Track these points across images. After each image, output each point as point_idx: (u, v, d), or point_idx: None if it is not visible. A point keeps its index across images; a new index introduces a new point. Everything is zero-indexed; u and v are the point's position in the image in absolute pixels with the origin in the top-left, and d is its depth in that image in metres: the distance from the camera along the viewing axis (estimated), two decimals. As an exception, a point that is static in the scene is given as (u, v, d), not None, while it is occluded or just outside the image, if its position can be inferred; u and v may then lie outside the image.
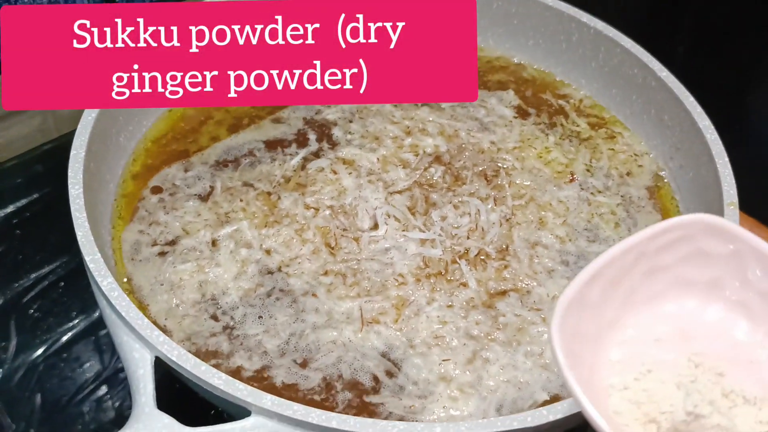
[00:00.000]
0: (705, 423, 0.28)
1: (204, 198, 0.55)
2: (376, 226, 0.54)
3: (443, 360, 0.48)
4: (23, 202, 0.65)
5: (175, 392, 0.47)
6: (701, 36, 1.03)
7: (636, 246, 0.33)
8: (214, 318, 0.49)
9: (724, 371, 0.30)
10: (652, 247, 0.33)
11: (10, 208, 0.64)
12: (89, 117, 0.51)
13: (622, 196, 0.58)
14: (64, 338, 0.58)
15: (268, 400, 0.41)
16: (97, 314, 0.59)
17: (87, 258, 0.45)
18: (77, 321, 0.59)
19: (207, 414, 0.49)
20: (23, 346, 0.57)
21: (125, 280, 0.51)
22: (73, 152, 0.49)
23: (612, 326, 0.32)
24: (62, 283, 0.60)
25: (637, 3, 0.99)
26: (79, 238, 0.46)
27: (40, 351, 0.57)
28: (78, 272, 0.60)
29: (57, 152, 0.69)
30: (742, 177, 0.84)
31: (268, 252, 0.52)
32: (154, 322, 0.47)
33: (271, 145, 0.59)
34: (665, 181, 0.60)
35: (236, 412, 0.42)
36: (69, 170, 0.48)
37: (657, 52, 0.61)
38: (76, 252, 0.45)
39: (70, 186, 0.48)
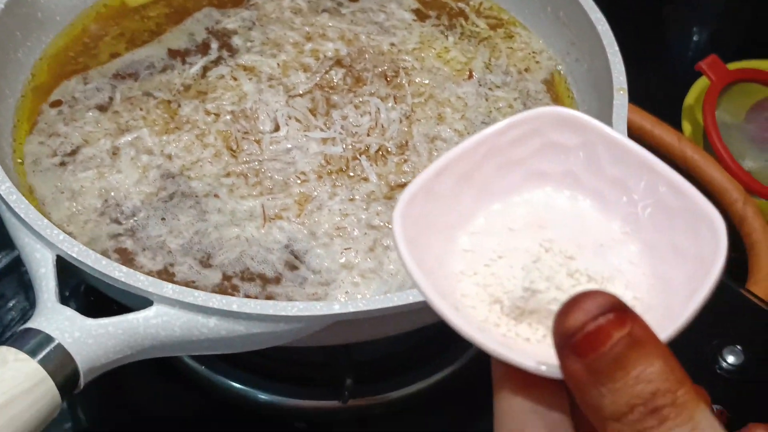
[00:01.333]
0: (541, 298, 0.30)
1: (104, 108, 0.57)
2: (277, 128, 0.56)
3: (345, 249, 0.50)
4: None
5: (80, 293, 0.49)
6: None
7: (487, 140, 0.33)
8: (117, 222, 0.51)
9: (574, 255, 0.31)
10: (504, 141, 0.34)
11: None
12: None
13: (519, 91, 0.61)
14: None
15: (170, 289, 0.43)
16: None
17: (-16, 164, 0.46)
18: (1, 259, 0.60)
19: (110, 309, 0.51)
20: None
21: (29, 193, 0.52)
22: (-33, 64, 0.50)
23: (465, 218, 0.33)
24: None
25: None
26: (-26, 145, 0.47)
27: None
28: None
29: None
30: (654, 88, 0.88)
31: (169, 157, 0.54)
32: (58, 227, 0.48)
33: (173, 54, 0.61)
34: (562, 74, 0.63)
35: (140, 304, 0.44)
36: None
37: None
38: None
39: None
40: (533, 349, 0.29)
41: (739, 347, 0.64)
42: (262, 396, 0.58)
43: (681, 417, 0.24)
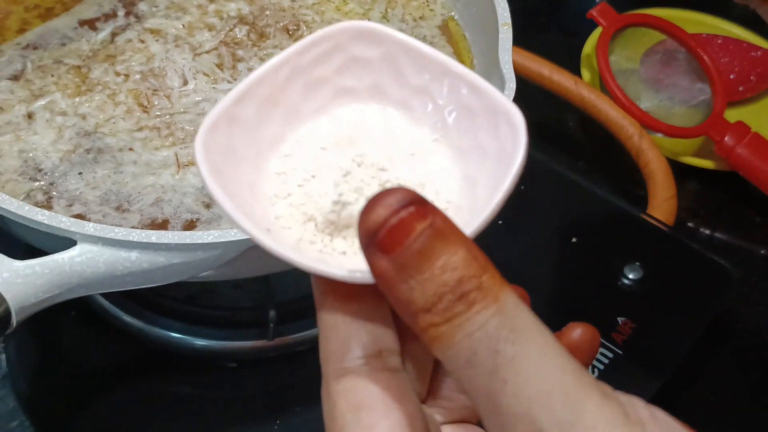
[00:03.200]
0: (352, 209, 0.30)
1: (16, 78, 0.60)
2: (186, 83, 0.60)
3: (256, 187, 0.54)
4: None
5: (4, 244, 0.51)
6: None
7: (286, 62, 0.33)
8: (35, 179, 0.54)
9: (386, 166, 0.31)
10: (305, 61, 0.33)
11: None
12: None
13: (416, 36, 0.66)
14: None
15: (91, 227, 0.46)
16: None
17: None
18: None
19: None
20: None
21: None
22: None
23: (274, 142, 0.33)
24: None
25: None
26: None
27: None
28: None
29: None
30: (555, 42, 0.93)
31: (83, 117, 0.57)
32: (-22, 187, 0.51)
33: (82, 24, 0.64)
34: (455, 19, 0.68)
35: (63, 247, 0.47)
36: None
37: None
38: None
39: None
40: (350, 260, 0.30)
41: (638, 264, 0.69)
42: (197, 341, 0.62)
43: (487, 299, 0.25)
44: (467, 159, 0.32)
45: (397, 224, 0.25)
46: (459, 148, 0.32)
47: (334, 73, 0.34)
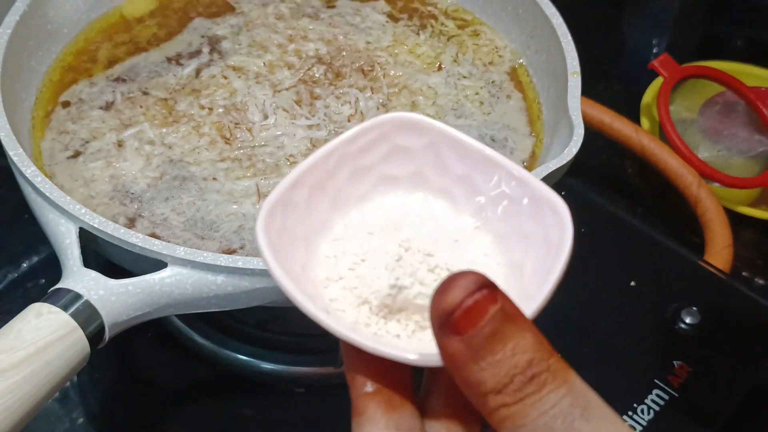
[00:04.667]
0: (408, 293, 0.31)
1: (107, 108, 0.64)
2: (266, 118, 0.63)
3: (332, 219, 0.57)
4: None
5: (98, 265, 0.55)
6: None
7: (335, 150, 0.35)
8: (125, 203, 0.58)
9: (432, 252, 0.32)
10: (352, 150, 0.35)
11: None
12: (1, 39, 0.59)
13: (485, 81, 0.69)
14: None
15: (181, 251, 0.49)
16: (24, 266, 0.67)
17: (11, 153, 0.53)
18: (6, 274, 0.67)
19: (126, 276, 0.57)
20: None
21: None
22: (-11, 68, 0.57)
23: (323, 227, 0.34)
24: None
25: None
26: (2, 138, 0.53)
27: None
28: (3, 225, 0.70)
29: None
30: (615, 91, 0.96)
31: (169, 146, 0.61)
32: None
33: (168, 59, 0.68)
34: (523, 65, 0.71)
35: (152, 269, 0.51)
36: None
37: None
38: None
39: (-9, 97, 0.55)
40: (404, 345, 0.30)
41: (695, 309, 0.71)
42: (265, 365, 0.65)
43: (557, 380, 0.26)
44: (510, 246, 0.33)
45: (472, 306, 0.26)
46: (501, 235, 0.34)
47: (379, 161, 0.36)
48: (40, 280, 0.70)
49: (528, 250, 0.32)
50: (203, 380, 0.65)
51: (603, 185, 0.90)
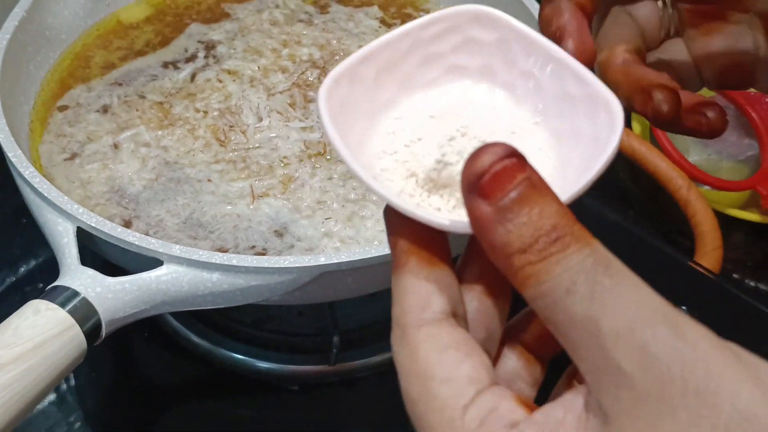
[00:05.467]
0: (452, 170, 0.32)
1: (104, 111, 0.65)
2: (260, 121, 0.64)
3: (326, 219, 0.58)
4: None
5: (95, 264, 0.56)
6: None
7: (410, 33, 0.36)
8: (122, 205, 0.59)
9: (487, 140, 0.33)
10: (426, 36, 0.36)
11: None
12: (0, 45, 0.60)
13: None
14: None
15: (177, 249, 0.50)
16: (22, 270, 0.69)
17: (9, 155, 0.54)
18: (4, 278, 0.69)
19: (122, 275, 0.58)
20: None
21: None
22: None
23: (387, 105, 0.36)
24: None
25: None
26: (1, 140, 0.54)
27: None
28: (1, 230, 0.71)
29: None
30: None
31: (165, 149, 0.62)
32: (70, 210, 0.56)
33: (165, 64, 0.69)
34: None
35: (148, 267, 0.52)
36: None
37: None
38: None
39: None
40: (444, 216, 0.32)
41: (684, 309, 0.72)
42: (260, 364, 0.66)
43: (581, 243, 0.27)
44: (562, 143, 0.34)
45: (501, 171, 0.28)
46: (556, 132, 0.35)
47: (450, 51, 0.37)
48: (38, 284, 0.71)
49: (577, 147, 0.33)
50: (199, 379, 0.66)
51: (594, 188, 0.91)
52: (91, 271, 0.50)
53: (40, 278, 0.72)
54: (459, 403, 0.28)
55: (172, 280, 0.51)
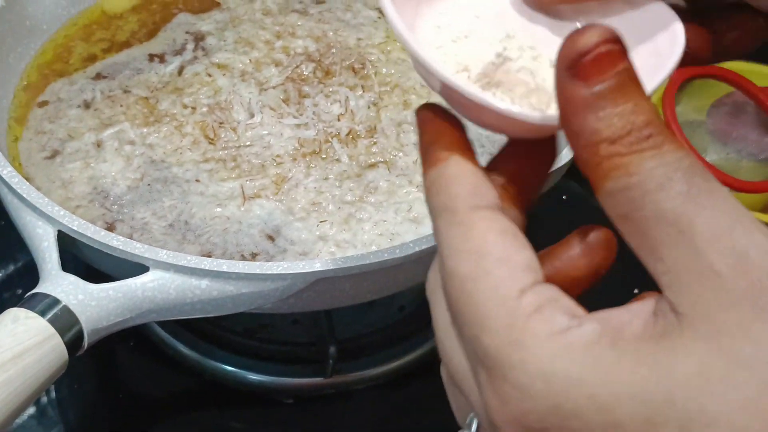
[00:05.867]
0: (512, 66, 0.32)
1: (87, 106, 0.65)
2: (252, 117, 0.64)
3: (320, 222, 0.58)
4: None
5: (77, 269, 0.56)
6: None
7: None
8: (105, 207, 0.59)
9: (536, 46, 0.34)
10: None
11: None
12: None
13: (480, 79, 0.70)
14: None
15: (164, 254, 0.50)
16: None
17: (-14, 155, 0.54)
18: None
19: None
20: None
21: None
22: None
23: (434, 1, 0.36)
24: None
25: None
26: (-24, 138, 0.55)
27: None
28: None
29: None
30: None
31: (150, 146, 0.62)
32: (50, 211, 0.56)
33: (151, 57, 0.69)
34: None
35: (133, 273, 0.52)
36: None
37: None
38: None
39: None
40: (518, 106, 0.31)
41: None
42: (252, 376, 0.66)
43: (675, 144, 0.27)
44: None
45: (604, 54, 0.27)
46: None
47: None
48: (17, 290, 0.71)
49: (637, 59, 0.33)
50: (188, 392, 0.66)
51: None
52: (72, 278, 0.50)
53: (19, 283, 0.72)
54: (516, 286, 0.28)
55: (158, 287, 0.51)
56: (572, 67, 0.28)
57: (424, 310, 0.67)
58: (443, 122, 0.32)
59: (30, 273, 0.65)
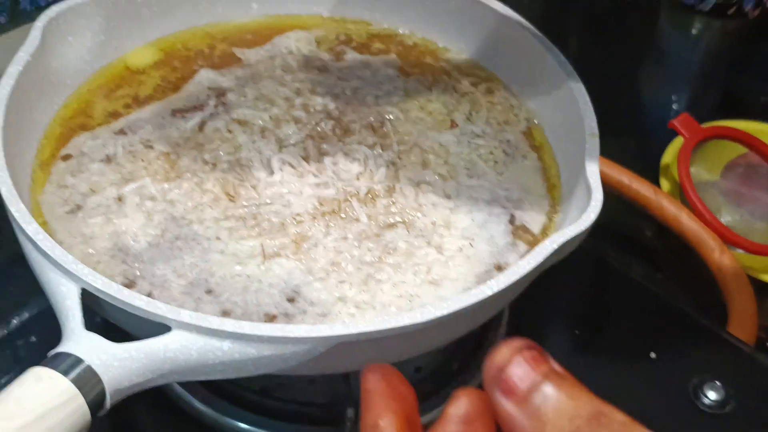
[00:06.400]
0: None
1: (108, 161, 0.66)
2: (272, 174, 0.66)
3: (340, 282, 0.60)
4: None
5: (98, 328, 0.57)
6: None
7: None
8: (126, 262, 0.60)
9: None
10: None
11: None
12: (3, 92, 0.61)
13: (499, 140, 0.72)
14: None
15: (186, 315, 0.51)
16: (14, 323, 0.71)
17: (12, 209, 0.55)
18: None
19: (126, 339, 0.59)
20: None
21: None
22: (-10, 120, 0.59)
23: None
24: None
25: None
26: (3, 193, 0.56)
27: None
28: None
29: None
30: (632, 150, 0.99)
31: (171, 202, 0.63)
32: (72, 267, 0.57)
33: (173, 112, 0.71)
34: (538, 125, 0.74)
35: (155, 333, 0.53)
36: (-11, 136, 0.58)
37: (548, 35, 0.75)
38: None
39: (-8, 150, 0.58)
40: None
41: (718, 383, 0.73)
42: (268, 436, 0.67)
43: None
44: None
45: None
46: None
47: None
48: (31, 338, 0.72)
49: None
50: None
51: (619, 247, 0.93)
52: (95, 337, 0.51)
53: (34, 332, 0.73)
54: None
55: (180, 348, 0.52)
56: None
57: (440, 372, 0.69)
58: (391, 398, 0.34)
59: (44, 321, 0.67)
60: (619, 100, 1.13)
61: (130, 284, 0.59)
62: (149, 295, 0.58)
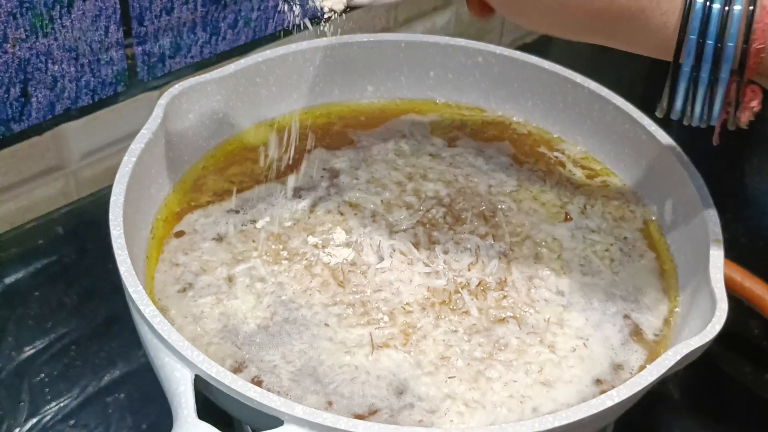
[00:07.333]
0: None
1: (219, 239, 0.68)
2: (381, 260, 0.67)
3: (449, 378, 0.60)
4: (43, 262, 0.80)
5: (210, 413, 0.58)
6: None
7: None
8: (236, 345, 0.61)
9: None
10: None
11: (31, 269, 0.79)
12: (126, 168, 0.64)
13: (615, 237, 0.72)
14: (74, 403, 0.71)
15: (300, 410, 0.52)
16: (106, 379, 0.73)
17: (130, 289, 0.57)
18: (87, 386, 0.72)
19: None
20: (34, 410, 0.70)
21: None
22: (113, 198, 0.61)
23: None
24: (74, 347, 0.75)
25: (634, 70, 1.14)
26: (122, 272, 0.58)
27: (49, 416, 0.70)
28: (90, 337, 0.76)
29: (76, 214, 0.86)
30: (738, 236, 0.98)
31: (281, 285, 0.65)
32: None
33: (286, 192, 0.73)
34: (656, 223, 0.74)
35: (266, 424, 0.54)
36: (110, 213, 0.60)
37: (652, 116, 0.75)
38: (90, 315, 0.63)
39: (111, 227, 0.59)
40: None
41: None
42: None
43: None
44: None
45: None
46: None
47: None
48: (120, 395, 0.74)
49: None
50: None
51: (725, 346, 0.91)
52: (206, 427, 0.52)
53: (123, 389, 0.74)
54: None
55: (292, 443, 0.52)
56: None
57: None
58: None
59: (133, 379, 0.74)
60: (728, 191, 1.11)
61: (238, 368, 0.60)
62: (257, 379, 0.59)
